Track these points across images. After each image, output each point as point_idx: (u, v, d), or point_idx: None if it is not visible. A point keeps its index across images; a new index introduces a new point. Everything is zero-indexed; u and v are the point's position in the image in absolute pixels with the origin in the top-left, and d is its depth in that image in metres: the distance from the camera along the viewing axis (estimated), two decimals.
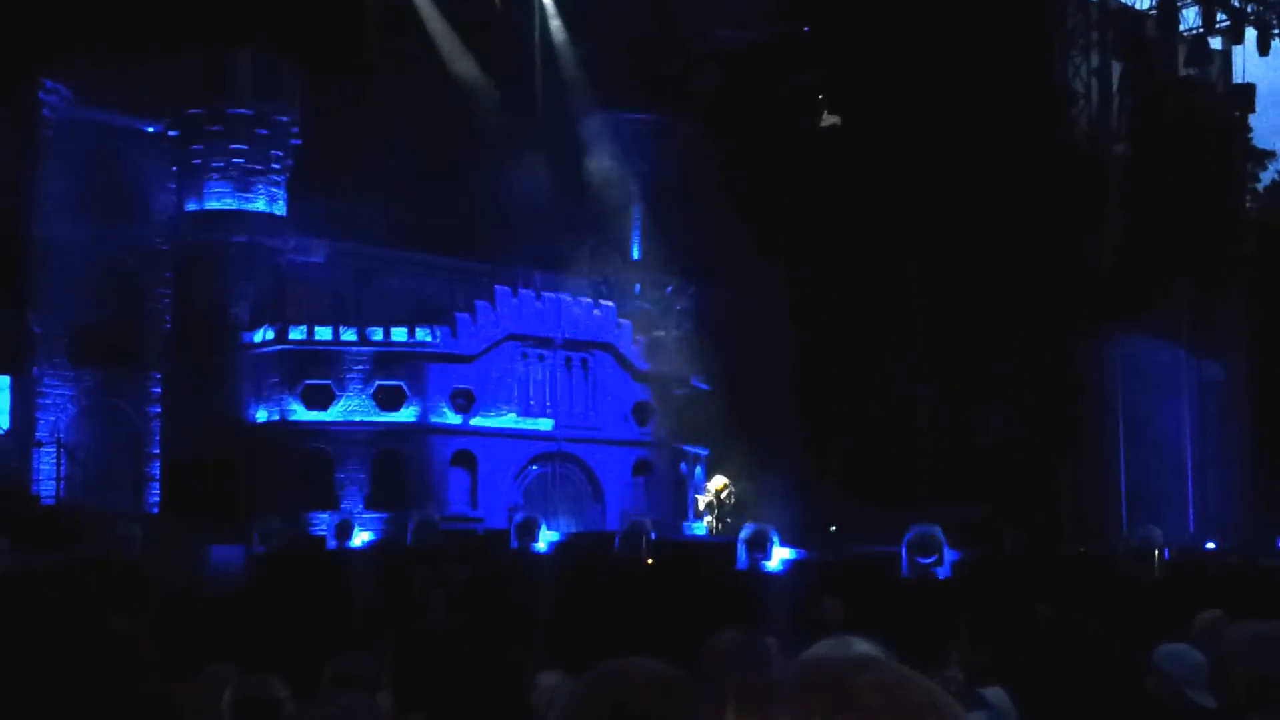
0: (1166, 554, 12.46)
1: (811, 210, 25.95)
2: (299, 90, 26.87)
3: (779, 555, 13.78)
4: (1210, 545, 21.39)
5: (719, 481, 25.41)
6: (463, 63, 28.11)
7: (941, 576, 11.23)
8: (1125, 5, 28.11)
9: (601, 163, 29.77)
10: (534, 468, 28.04)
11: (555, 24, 28.72)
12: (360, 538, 19.58)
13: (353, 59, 26.08)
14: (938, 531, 10.75)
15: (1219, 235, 26.57)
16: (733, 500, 25.10)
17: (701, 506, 24.82)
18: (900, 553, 11.93)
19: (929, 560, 10.90)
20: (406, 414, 26.73)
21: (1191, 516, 25.13)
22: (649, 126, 29.55)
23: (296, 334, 26.74)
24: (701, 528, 25.86)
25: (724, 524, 24.55)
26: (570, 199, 29.27)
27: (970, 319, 24.48)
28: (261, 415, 26.39)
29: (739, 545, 13.56)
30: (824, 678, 1.62)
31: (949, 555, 11.74)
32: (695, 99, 28.49)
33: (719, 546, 18.62)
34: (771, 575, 12.99)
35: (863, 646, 2.79)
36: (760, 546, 12.79)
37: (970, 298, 24.50)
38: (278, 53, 25.90)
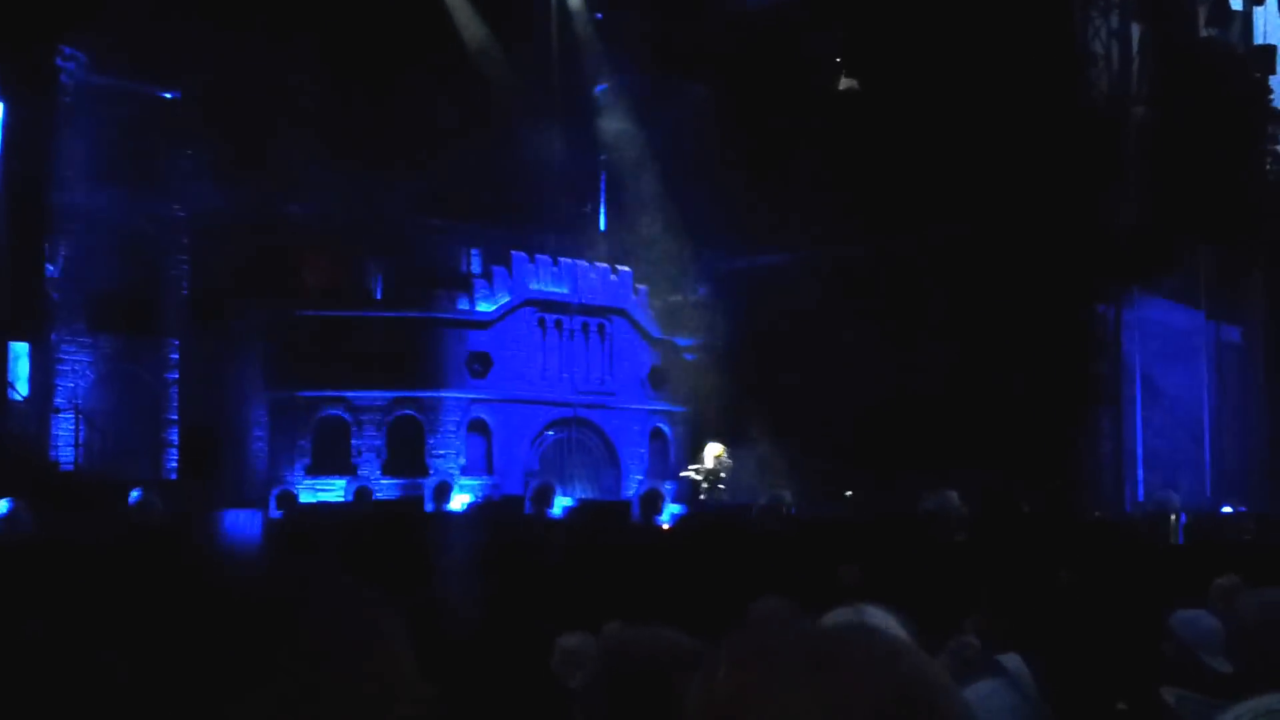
0: (1184, 518, 12.45)
1: (830, 174, 25.83)
2: (315, 56, 26.81)
3: (793, 521, 13.81)
4: (1227, 509, 21.37)
5: (715, 449, 25.29)
6: (474, 27, 27.99)
7: (957, 541, 11.22)
8: None
9: (617, 127, 29.69)
10: (550, 433, 28.12)
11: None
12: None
13: (369, 35, 25.99)
14: (954, 496, 10.72)
15: (1239, 198, 26.43)
16: (730, 467, 25.04)
17: (697, 475, 24.68)
18: (916, 518, 11.92)
19: (946, 526, 10.88)
20: (422, 380, 26.81)
21: (1209, 481, 25.10)
22: (665, 90, 29.42)
23: (311, 300, 26.81)
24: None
25: (718, 491, 24.50)
26: (586, 164, 29.25)
27: (989, 282, 24.42)
28: (276, 382, 26.48)
29: (754, 510, 13.57)
30: (816, 645, 1.63)
31: (965, 519, 11.72)
32: (712, 62, 28.34)
33: (735, 511, 18.65)
34: (788, 540, 13.00)
35: (877, 615, 2.80)
36: (776, 512, 12.80)
37: (989, 261, 24.42)
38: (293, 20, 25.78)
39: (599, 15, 28.88)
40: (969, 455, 21.50)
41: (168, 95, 27.45)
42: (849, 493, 23.79)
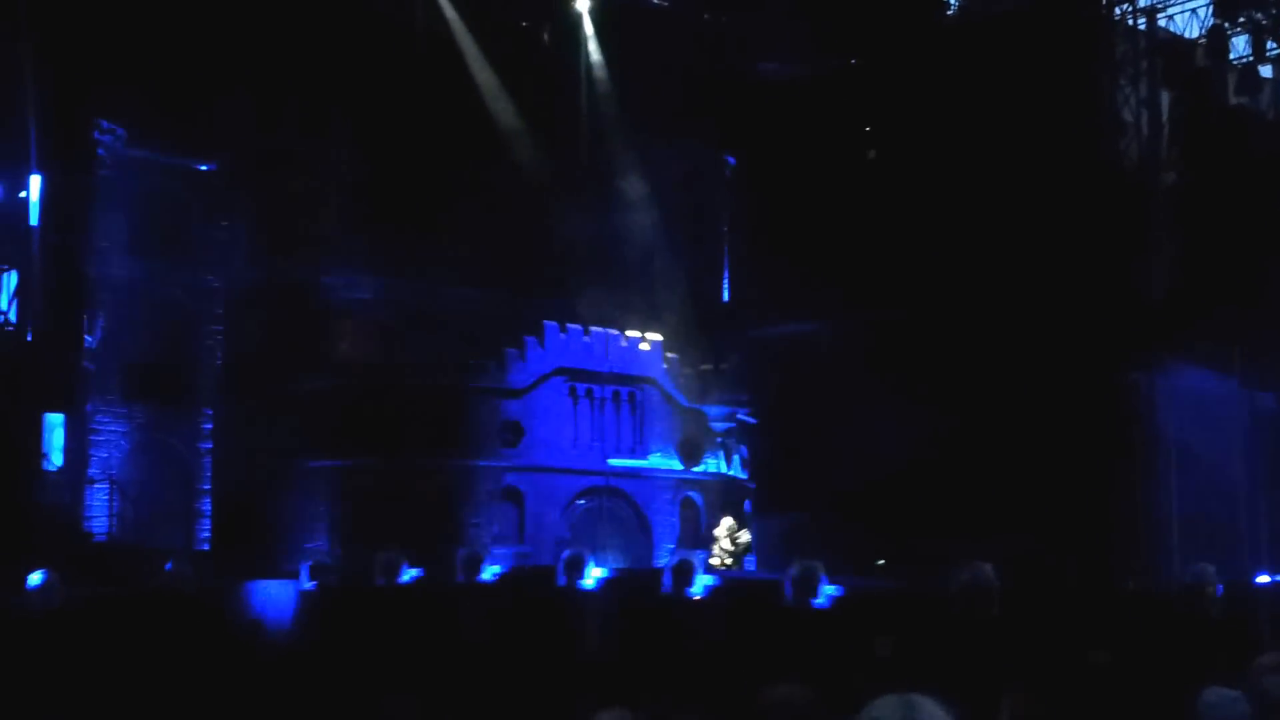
0: (1220, 590, 12.32)
1: (859, 241, 25.88)
2: (349, 130, 27.11)
3: (825, 591, 13.69)
4: (1263, 579, 21.12)
5: (728, 523, 25.31)
6: (503, 103, 28.21)
7: (993, 616, 11.13)
8: (1174, 34, 27.96)
9: (646, 196, 29.80)
10: (581, 502, 28.10)
11: (597, 58, 28.83)
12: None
13: (399, 104, 26.25)
14: (989, 569, 10.64)
15: (1270, 264, 26.32)
16: (742, 541, 25.02)
17: (715, 560, 24.68)
18: (948, 590, 11.83)
19: (983, 599, 10.80)
20: (455, 448, 26.84)
21: (1245, 550, 24.84)
22: (692, 159, 29.59)
23: (345, 372, 26.93)
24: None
25: (735, 564, 24.50)
26: (616, 234, 29.36)
27: (1021, 349, 24.34)
28: (309, 451, 26.55)
29: (786, 583, 13.47)
30: None
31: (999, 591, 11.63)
32: (739, 131, 28.49)
33: (768, 583, 18.54)
34: (819, 612, 12.91)
35: (926, 706, 2.75)
36: (809, 583, 12.71)
37: (1021, 328, 24.36)
38: (327, 95, 26.07)
39: (627, 87, 29.03)
40: (1001, 523, 21.36)
41: (204, 167, 27.77)
42: (881, 561, 23.65)
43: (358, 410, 26.39)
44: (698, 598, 15.90)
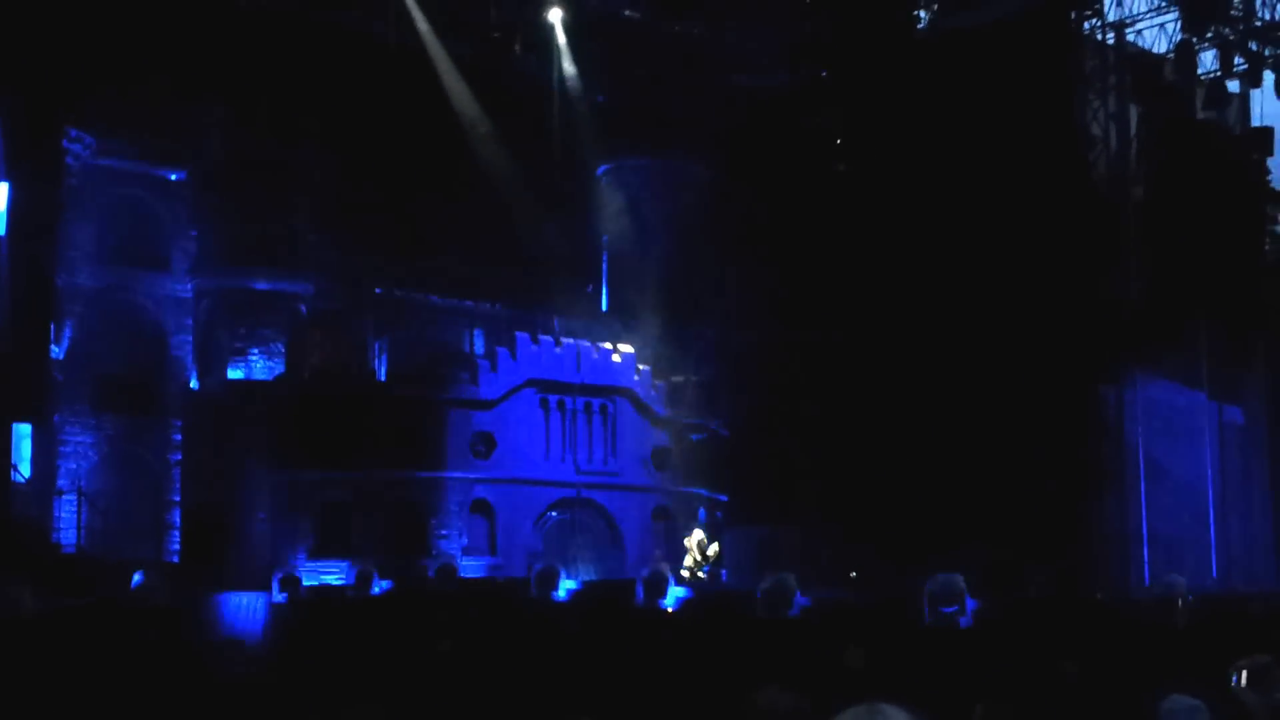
0: (1189, 599, 12.39)
1: (830, 255, 25.95)
2: (319, 139, 27.04)
3: (796, 603, 13.71)
4: (1230, 590, 21.26)
5: (698, 535, 25.30)
6: (475, 112, 28.15)
7: (964, 625, 11.17)
8: (1143, 49, 28.15)
9: (618, 208, 29.82)
10: (553, 514, 28.05)
11: (570, 70, 28.80)
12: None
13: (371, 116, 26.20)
14: (959, 580, 10.69)
15: (1238, 278, 26.50)
16: (711, 553, 25.03)
17: (685, 561, 24.64)
18: (921, 600, 11.87)
19: (951, 609, 10.84)
20: (425, 461, 26.76)
21: (1214, 560, 24.98)
22: (666, 170, 29.61)
23: (315, 381, 26.84)
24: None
25: (702, 577, 24.49)
26: (588, 245, 29.38)
27: (990, 362, 24.42)
28: (279, 463, 26.41)
29: (758, 593, 13.48)
30: None
31: (970, 603, 11.68)
32: (712, 143, 28.52)
33: (740, 595, 18.54)
34: (792, 622, 12.93)
35: (894, 717, 2.76)
36: (781, 595, 12.72)
37: (990, 341, 24.45)
38: (298, 105, 25.97)
39: (600, 98, 29.06)
40: (974, 535, 21.43)
41: (174, 176, 27.66)
42: (854, 574, 23.69)
43: (328, 422, 26.27)
44: (670, 610, 15.92)
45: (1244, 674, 6.03)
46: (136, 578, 13.11)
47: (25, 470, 23.97)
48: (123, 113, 25.49)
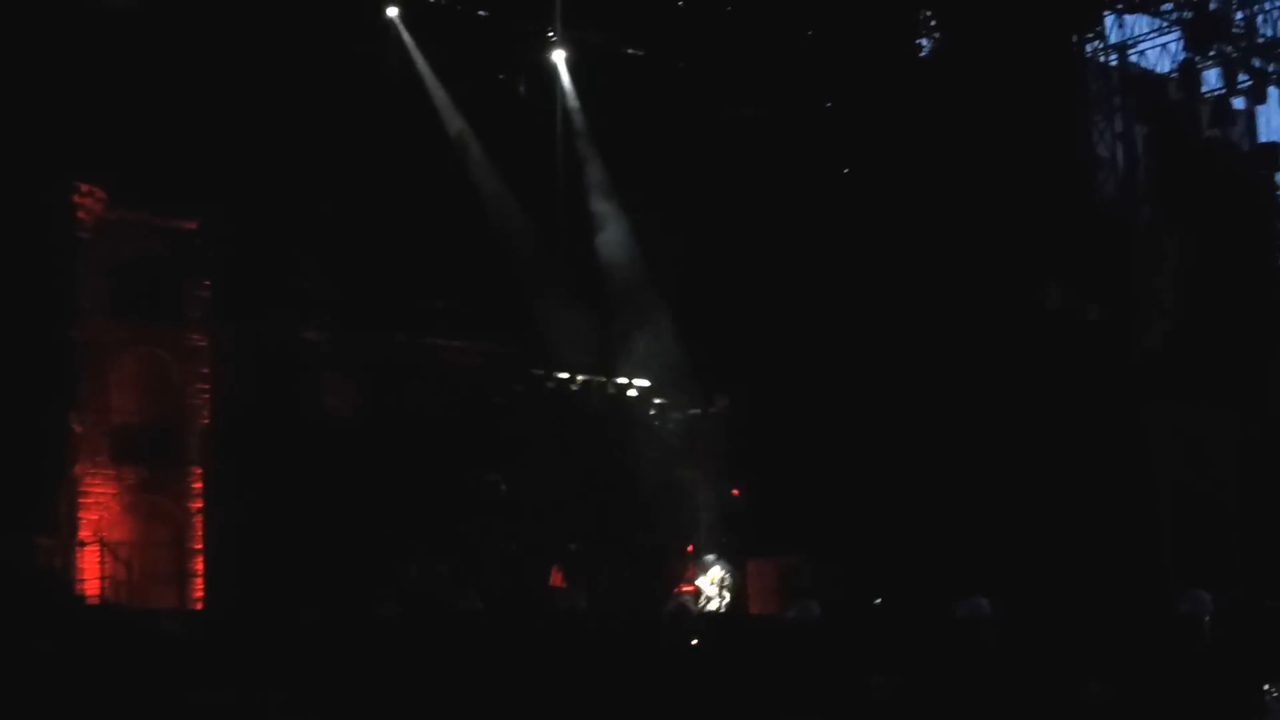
0: (1214, 615, 12.33)
1: (843, 277, 26.03)
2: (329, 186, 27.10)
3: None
4: (1258, 608, 21.15)
5: (716, 573, 25.37)
6: (481, 159, 28.20)
7: (988, 649, 11.15)
8: (1146, 70, 28.26)
9: (623, 239, 29.51)
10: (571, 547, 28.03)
11: (574, 105, 28.87)
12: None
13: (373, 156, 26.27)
14: (985, 604, 10.67)
15: (1252, 293, 26.52)
16: (730, 593, 25.11)
17: (701, 599, 24.70)
18: (947, 624, 11.84)
19: (976, 633, 10.82)
20: None
21: (1240, 579, 24.89)
22: (668, 200, 29.46)
23: (331, 424, 26.90)
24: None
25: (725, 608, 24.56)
26: (595, 278, 29.18)
27: (999, 385, 24.45)
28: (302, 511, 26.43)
29: (788, 622, 13.44)
30: None
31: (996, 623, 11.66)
32: (720, 176, 28.49)
33: (765, 622, 18.54)
34: (816, 651, 12.92)
35: None
36: (805, 624, 12.69)
37: (998, 364, 24.48)
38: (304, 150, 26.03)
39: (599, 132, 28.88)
40: (998, 558, 21.41)
41: (186, 225, 27.75)
42: (878, 600, 23.64)
43: (347, 468, 26.29)
44: (694, 641, 15.90)
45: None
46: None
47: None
48: (133, 163, 25.57)
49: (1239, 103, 28.64)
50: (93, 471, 25.72)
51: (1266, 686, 5.90)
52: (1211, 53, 27.50)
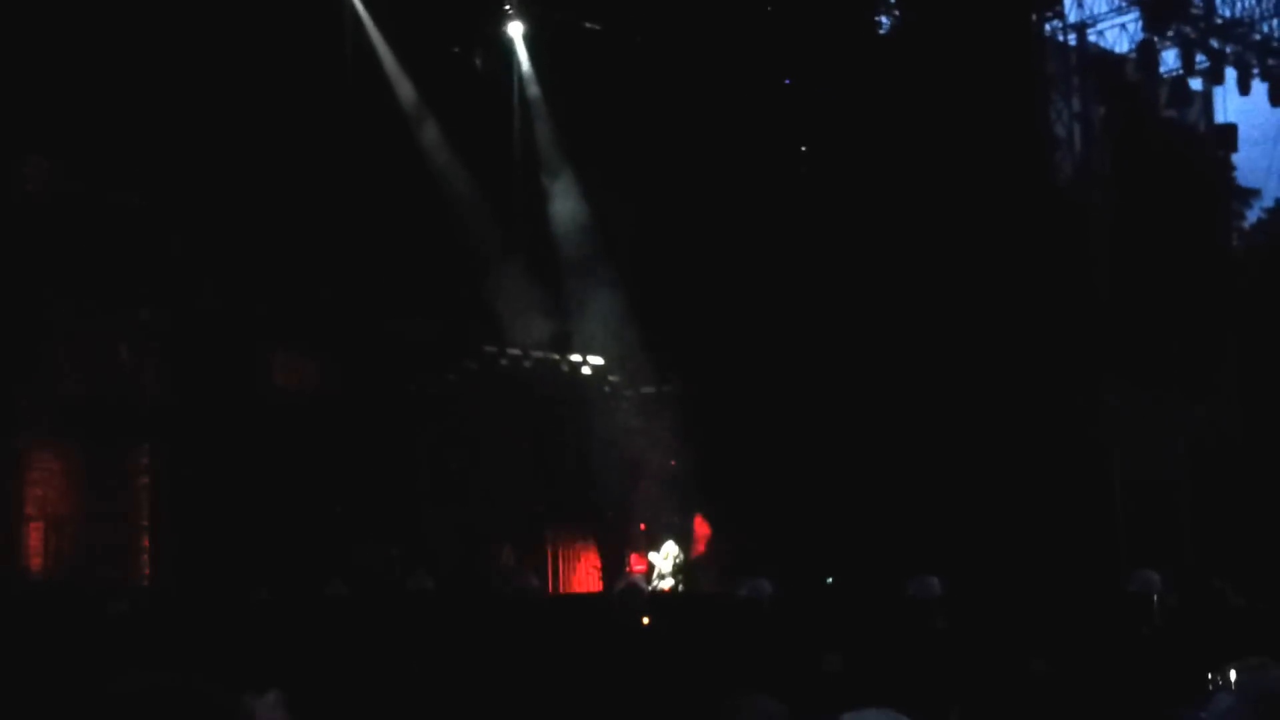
0: (1164, 597, 12.35)
1: (797, 258, 25.95)
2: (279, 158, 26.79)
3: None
4: (1205, 588, 21.24)
5: (671, 548, 25.35)
6: (431, 128, 27.94)
7: (939, 628, 11.12)
8: (1105, 49, 28.28)
9: (576, 215, 29.28)
10: None
11: (533, 90, 28.69)
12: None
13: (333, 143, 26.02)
14: (936, 583, 10.64)
15: (1207, 274, 26.63)
16: (681, 563, 25.08)
17: (654, 576, 24.67)
18: (898, 603, 11.82)
19: (928, 612, 10.79)
20: None
21: (1188, 560, 25.04)
22: (622, 177, 29.28)
23: (280, 399, 26.66)
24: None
25: (678, 585, 24.53)
26: (546, 255, 28.97)
27: (955, 368, 24.46)
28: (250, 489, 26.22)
29: (741, 598, 13.41)
30: None
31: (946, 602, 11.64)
32: (676, 155, 28.35)
33: (716, 602, 18.48)
34: (770, 628, 12.88)
35: None
36: (755, 603, 12.66)
37: (960, 346, 24.48)
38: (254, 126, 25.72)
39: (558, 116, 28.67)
40: (947, 537, 21.43)
41: (137, 199, 27.39)
42: (830, 579, 23.63)
43: (297, 445, 26.09)
44: (646, 620, 15.84)
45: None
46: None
47: None
48: (85, 136, 25.22)
49: (1196, 84, 28.73)
50: (37, 446, 25.42)
51: (1210, 675, 5.81)
52: (1170, 33, 27.53)
